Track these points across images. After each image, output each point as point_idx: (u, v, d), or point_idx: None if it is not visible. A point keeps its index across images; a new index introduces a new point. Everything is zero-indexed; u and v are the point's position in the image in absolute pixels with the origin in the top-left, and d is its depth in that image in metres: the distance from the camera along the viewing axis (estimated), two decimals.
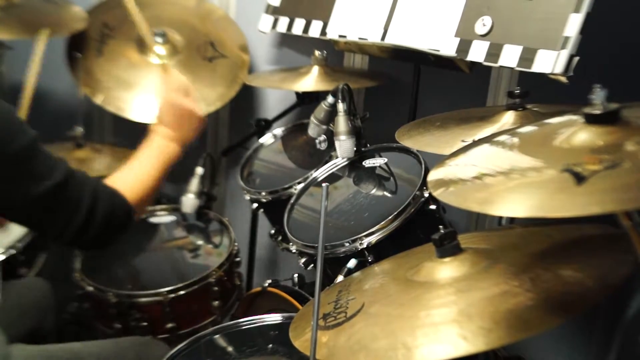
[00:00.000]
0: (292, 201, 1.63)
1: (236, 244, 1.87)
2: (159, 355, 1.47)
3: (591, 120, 0.86)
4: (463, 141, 1.29)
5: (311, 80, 1.88)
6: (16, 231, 1.80)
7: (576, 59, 1.28)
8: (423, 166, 1.45)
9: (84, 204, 1.27)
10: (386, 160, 1.58)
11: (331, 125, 1.63)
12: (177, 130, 1.53)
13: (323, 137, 1.69)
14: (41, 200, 1.22)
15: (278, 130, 2.00)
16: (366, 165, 1.60)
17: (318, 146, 1.70)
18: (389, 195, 1.52)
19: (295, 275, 1.69)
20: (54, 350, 1.46)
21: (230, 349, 1.39)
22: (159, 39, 2.16)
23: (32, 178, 1.21)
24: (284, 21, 2.00)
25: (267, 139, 2.00)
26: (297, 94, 2.03)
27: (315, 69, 1.90)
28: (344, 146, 1.58)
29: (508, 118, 1.36)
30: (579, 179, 0.75)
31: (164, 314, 1.69)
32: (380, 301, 1.01)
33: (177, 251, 1.93)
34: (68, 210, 1.26)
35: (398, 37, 1.64)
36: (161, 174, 1.48)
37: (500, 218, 1.68)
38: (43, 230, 1.32)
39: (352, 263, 1.37)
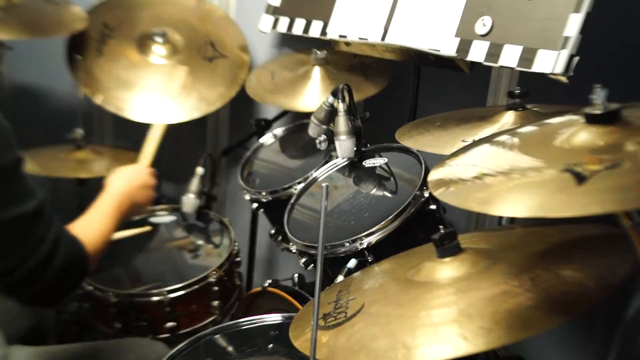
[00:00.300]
0: (292, 201, 1.63)
1: (236, 244, 1.87)
2: (158, 356, 1.47)
3: (591, 120, 0.86)
4: (464, 141, 1.29)
5: (309, 85, 1.88)
6: None
7: (576, 59, 1.28)
8: (423, 166, 1.45)
9: (46, 244, 1.18)
10: (386, 160, 1.58)
11: (331, 125, 1.63)
12: (135, 209, 1.60)
13: (323, 137, 1.69)
14: (6, 224, 1.14)
15: (278, 130, 2.00)
16: (366, 165, 1.60)
17: (318, 146, 1.70)
18: (389, 195, 1.52)
19: (295, 275, 1.69)
20: (53, 351, 1.46)
21: (230, 349, 1.39)
22: (159, 39, 2.16)
23: (5, 199, 1.13)
24: (284, 21, 2.00)
25: (267, 139, 2.00)
26: None
27: (315, 70, 1.90)
28: (344, 146, 1.58)
29: (508, 118, 1.37)
30: (580, 179, 0.75)
31: (164, 314, 1.69)
32: (380, 301, 1.01)
33: (177, 251, 1.93)
34: (28, 246, 1.17)
35: (398, 37, 1.64)
36: (114, 229, 1.46)
37: (500, 218, 1.68)
38: None
39: (352, 263, 1.37)
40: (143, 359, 1.52)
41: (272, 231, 1.79)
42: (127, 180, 1.59)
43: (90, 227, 1.37)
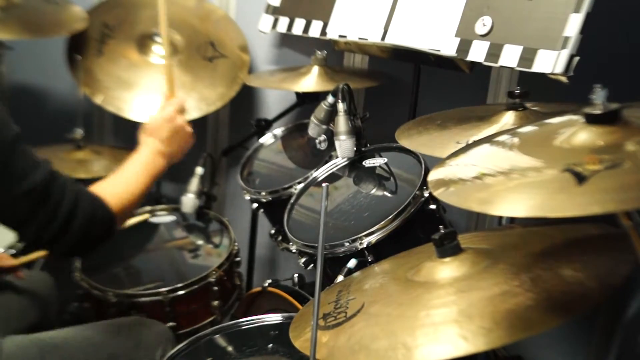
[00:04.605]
0: (292, 201, 1.63)
1: (236, 243, 1.87)
2: (153, 333, 1.46)
3: (592, 120, 0.86)
4: (458, 143, 1.29)
5: (311, 81, 1.88)
6: None
7: (576, 58, 1.28)
8: (423, 166, 1.45)
9: (64, 208, 1.23)
10: (386, 160, 1.58)
11: (331, 125, 1.63)
12: (168, 147, 1.55)
13: (323, 137, 1.69)
14: (19, 198, 1.19)
15: (278, 130, 2.00)
16: (366, 165, 1.60)
17: (318, 146, 1.70)
18: (389, 195, 1.52)
19: (295, 275, 1.69)
20: (44, 338, 1.45)
21: (230, 348, 1.39)
22: (159, 39, 2.16)
23: (12, 175, 1.18)
24: (284, 21, 2.00)
25: (267, 139, 2.00)
26: (297, 94, 2.03)
27: (315, 69, 1.90)
28: (344, 146, 1.58)
29: (508, 118, 1.37)
30: (580, 179, 0.75)
31: (164, 314, 1.69)
32: (381, 301, 1.01)
33: (177, 251, 1.93)
34: (46, 213, 1.22)
35: (398, 37, 1.64)
36: (146, 187, 1.46)
37: (500, 218, 1.68)
38: (19, 231, 1.26)
39: (352, 263, 1.37)
40: (136, 336, 1.51)
41: (272, 231, 1.79)
42: (159, 132, 1.54)
43: (118, 185, 1.39)
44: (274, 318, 1.43)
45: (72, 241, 1.26)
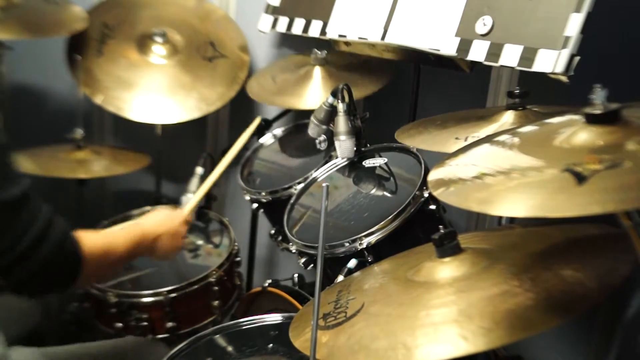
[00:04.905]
0: (292, 201, 1.63)
1: (236, 243, 1.87)
2: (158, 356, 1.47)
3: (592, 120, 0.86)
4: (457, 139, 1.29)
5: (311, 85, 1.88)
6: None
7: (577, 58, 1.28)
8: (423, 166, 1.45)
9: (32, 233, 1.13)
10: (386, 160, 1.58)
11: (331, 125, 1.63)
12: (159, 247, 1.54)
13: (323, 137, 1.69)
14: None
15: (278, 130, 2.00)
16: (366, 165, 1.60)
17: (318, 146, 1.70)
18: (389, 195, 1.52)
19: (295, 275, 1.69)
20: (52, 352, 1.45)
21: (230, 348, 1.39)
22: (159, 39, 2.17)
23: None
24: (283, 21, 2.00)
25: (267, 139, 2.00)
26: None
27: (316, 70, 1.90)
28: (344, 146, 1.58)
29: (508, 118, 1.37)
30: (580, 178, 0.75)
31: (164, 314, 1.69)
32: (380, 301, 1.01)
33: None
34: (14, 231, 1.12)
35: (398, 37, 1.64)
36: (120, 259, 1.38)
37: (500, 218, 1.68)
38: None
39: (352, 263, 1.37)
40: (142, 359, 1.52)
41: (272, 231, 1.79)
42: (158, 221, 1.56)
43: (98, 239, 1.31)
44: (274, 318, 1.43)
45: (32, 271, 1.15)
